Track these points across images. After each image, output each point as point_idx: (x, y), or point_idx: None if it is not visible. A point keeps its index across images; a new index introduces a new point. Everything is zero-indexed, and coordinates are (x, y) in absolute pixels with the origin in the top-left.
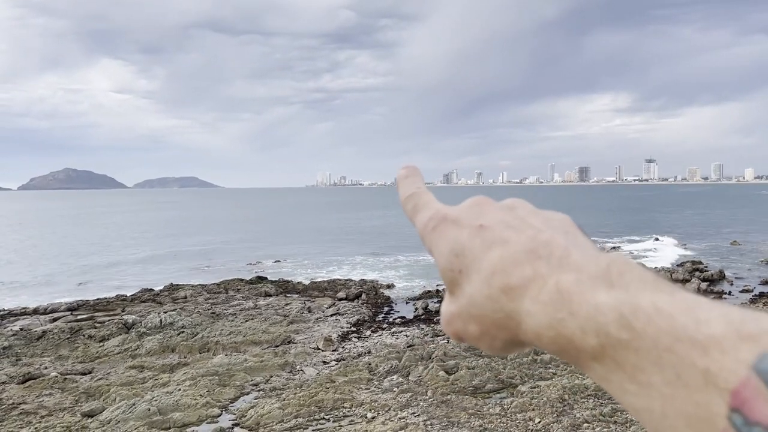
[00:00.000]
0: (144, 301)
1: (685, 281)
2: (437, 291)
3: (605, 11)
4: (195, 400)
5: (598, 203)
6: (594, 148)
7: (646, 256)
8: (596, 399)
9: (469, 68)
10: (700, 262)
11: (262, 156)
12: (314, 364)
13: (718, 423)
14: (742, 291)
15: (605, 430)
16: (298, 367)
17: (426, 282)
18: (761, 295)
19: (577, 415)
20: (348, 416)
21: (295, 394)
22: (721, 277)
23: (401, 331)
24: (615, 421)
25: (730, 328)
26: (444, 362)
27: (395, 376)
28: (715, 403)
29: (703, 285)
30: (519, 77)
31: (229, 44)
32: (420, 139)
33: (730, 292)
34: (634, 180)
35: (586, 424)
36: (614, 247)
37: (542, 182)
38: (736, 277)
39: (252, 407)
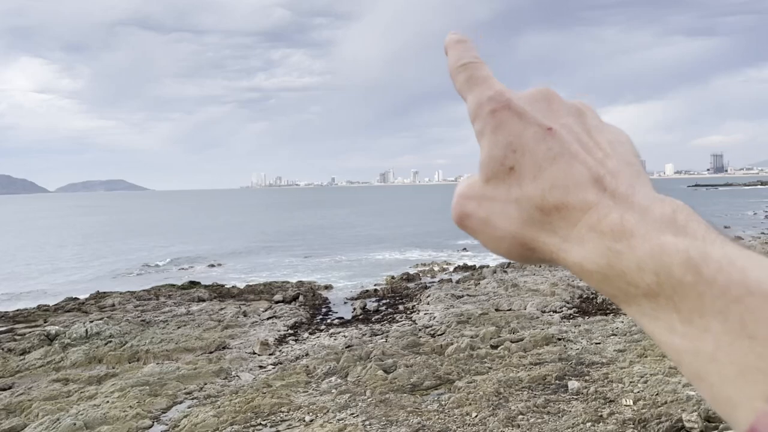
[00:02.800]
0: (68, 311)
1: None
2: (375, 290)
3: (536, 13)
4: (124, 411)
5: None
6: None
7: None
8: (530, 391)
9: (404, 67)
10: None
11: (194, 157)
12: (250, 369)
13: None
14: None
15: (539, 420)
16: (233, 373)
17: (365, 281)
18: None
19: (512, 408)
20: (286, 420)
21: (231, 400)
22: None
23: (339, 332)
24: (548, 412)
25: None
26: (382, 361)
27: (334, 378)
28: None
29: None
30: None
31: (158, 42)
32: (357, 139)
33: None
34: None
35: (520, 416)
36: None
37: None
38: None
39: (185, 416)
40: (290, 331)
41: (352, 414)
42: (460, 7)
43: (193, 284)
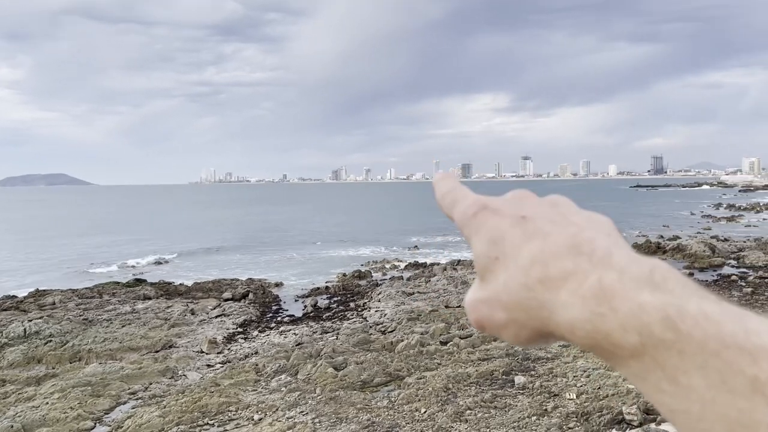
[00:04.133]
0: (5, 309)
1: None
2: (326, 288)
3: (487, 14)
4: (65, 413)
5: None
6: (476, 146)
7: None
8: (478, 386)
9: (357, 65)
10: None
11: (141, 151)
12: (198, 368)
13: (760, 430)
14: None
15: (486, 414)
16: (180, 372)
17: (316, 279)
18: None
19: (461, 403)
20: (234, 419)
21: (177, 400)
22: None
23: (290, 330)
24: (495, 406)
25: None
26: (333, 359)
27: (283, 376)
28: (760, 411)
29: None
30: (406, 75)
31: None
32: (309, 135)
33: None
34: (512, 176)
35: (468, 411)
36: None
37: (428, 178)
38: None
39: (129, 417)
40: (239, 329)
41: (302, 412)
42: (412, 6)
43: (139, 282)
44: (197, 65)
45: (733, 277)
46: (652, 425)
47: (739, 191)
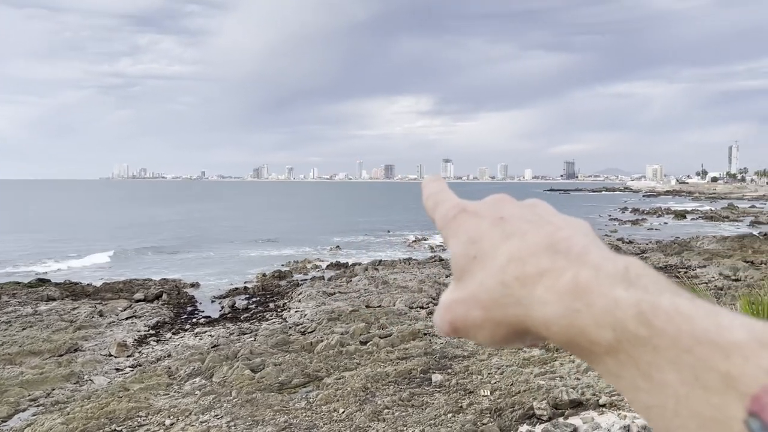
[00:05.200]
0: None
1: None
2: (245, 288)
3: (410, 18)
4: None
5: (403, 200)
6: (398, 148)
7: (445, 249)
8: (396, 385)
9: (281, 63)
10: None
11: (48, 144)
12: (105, 373)
13: (733, 426)
14: None
15: (404, 413)
16: (86, 377)
17: (234, 279)
18: None
19: (379, 402)
20: (144, 425)
21: (82, 406)
22: None
23: (206, 332)
24: (412, 405)
25: (752, 335)
26: (250, 360)
27: (198, 379)
28: (732, 407)
29: None
30: (330, 75)
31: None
32: (229, 132)
33: None
34: None
35: (386, 410)
36: (416, 240)
37: (351, 179)
38: None
39: (29, 425)
40: (151, 332)
41: (216, 415)
42: (337, 6)
43: (42, 282)
44: (109, 56)
45: None
46: (561, 419)
47: (643, 196)
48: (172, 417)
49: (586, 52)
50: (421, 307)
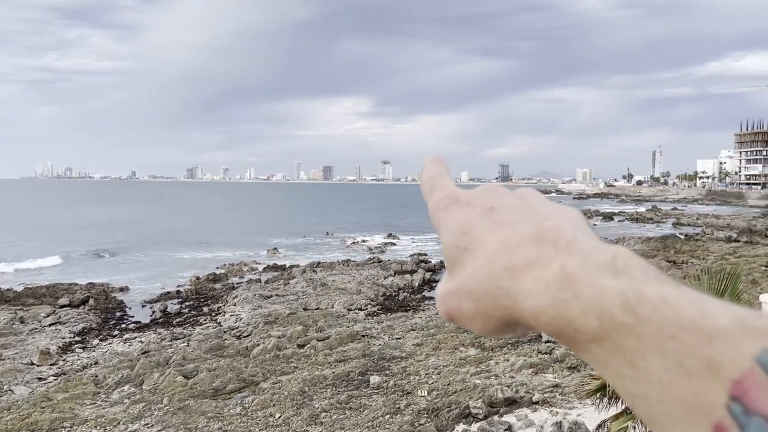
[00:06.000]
0: None
1: (412, 271)
2: (178, 292)
3: (352, 19)
4: None
5: (342, 201)
6: (337, 149)
7: (384, 251)
8: (334, 388)
9: (217, 60)
10: (425, 254)
11: None
12: (27, 382)
13: (715, 411)
14: None
15: (342, 416)
16: (5, 387)
17: (167, 282)
18: None
19: (316, 405)
20: None
21: (2, 418)
22: (442, 266)
23: (135, 338)
24: (350, 407)
25: (735, 322)
26: (183, 366)
27: (127, 387)
28: (715, 392)
29: (427, 275)
30: (269, 74)
31: None
32: (162, 130)
33: None
34: (372, 179)
35: (324, 413)
36: (354, 242)
37: (289, 179)
38: None
39: None
40: (77, 339)
41: (147, 424)
42: (276, 4)
43: None
44: (37, 49)
45: None
46: (496, 417)
47: (574, 198)
48: (99, 427)
49: (522, 57)
50: (360, 309)
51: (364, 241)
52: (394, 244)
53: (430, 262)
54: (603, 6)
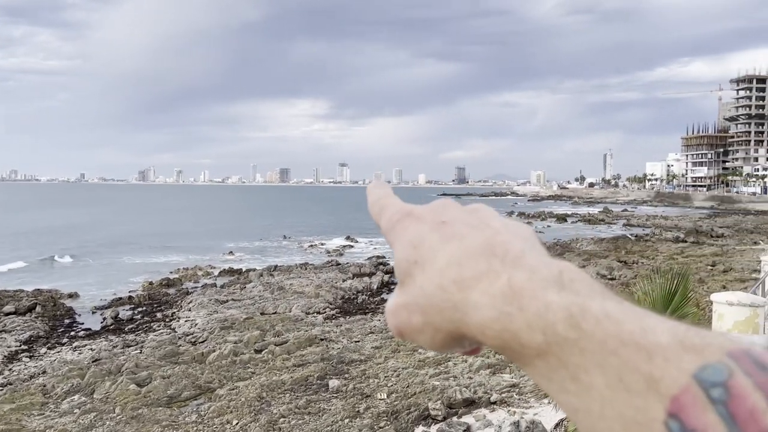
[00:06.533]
0: None
1: (371, 274)
2: (130, 297)
3: (305, 21)
4: None
5: (299, 204)
6: (294, 151)
7: (342, 253)
8: (292, 393)
9: (167, 60)
10: (383, 256)
11: None
12: None
13: (654, 427)
14: None
15: (300, 421)
16: None
17: (118, 288)
18: None
19: (275, 411)
20: None
21: None
22: None
23: (85, 345)
24: (309, 412)
25: (674, 338)
26: (136, 374)
27: (77, 396)
28: (653, 408)
29: (386, 277)
30: (222, 75)
31: None
32: (112, 131)
33: None
34: (330, 182)
35: (282, 419)
36: (312, 244)
37: (245, 182)
38: None
39: None
40: (24, 347)
41: None
42: (228, 4)
43: None
44: None
45: None
46: (455, 418)
47: (528, 200)
48: None
49: (476, 62)
50: (318, 312)
51: (322, 244)
52: (353, 247)
53: (388, 264)
54: (555, 12)
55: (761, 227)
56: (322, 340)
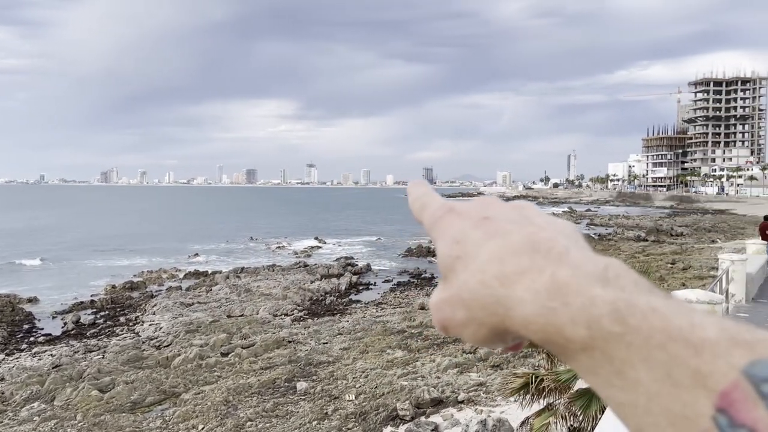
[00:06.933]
0: None
1: (339, 275)
2: (92, 301)
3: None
4: None
5: (267, 205)
6: (261, 152)
7: (310, 255)
8: (260, 396)
9: (130, 60)
10: (352, 257)
11: None
12: None
13: (701, 422)
14: (384, 281)
15: (267, 424)
16: None
17: (80, 292)
18: (399, 284)
19: (241, 415)
20: None
21: None
22: (368, 269)
23: (45, 351)
24: (276, 415)
25: (723, 333)
26: (98, 380)
27: (36, 404)
28: (701, 403)
29: (354, 278)
30: (186, 75)
31: None
32: (73, 132)
33: (375, 282)
34: (297, 183)
35: (249, 423)
36: (279, 246)
37: (210, 183)
38: (380, 269)
39: None
40: None
41: None
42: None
43: None
44: None
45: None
46: (422, 418)
47: None
48: None
49: (442, 63)
50: (286, 314)
51: (289, 246)
52: (321, 248)
53: (356, 265)
54: (520, 15)
55: (718, 226)
56: (289, 342)
